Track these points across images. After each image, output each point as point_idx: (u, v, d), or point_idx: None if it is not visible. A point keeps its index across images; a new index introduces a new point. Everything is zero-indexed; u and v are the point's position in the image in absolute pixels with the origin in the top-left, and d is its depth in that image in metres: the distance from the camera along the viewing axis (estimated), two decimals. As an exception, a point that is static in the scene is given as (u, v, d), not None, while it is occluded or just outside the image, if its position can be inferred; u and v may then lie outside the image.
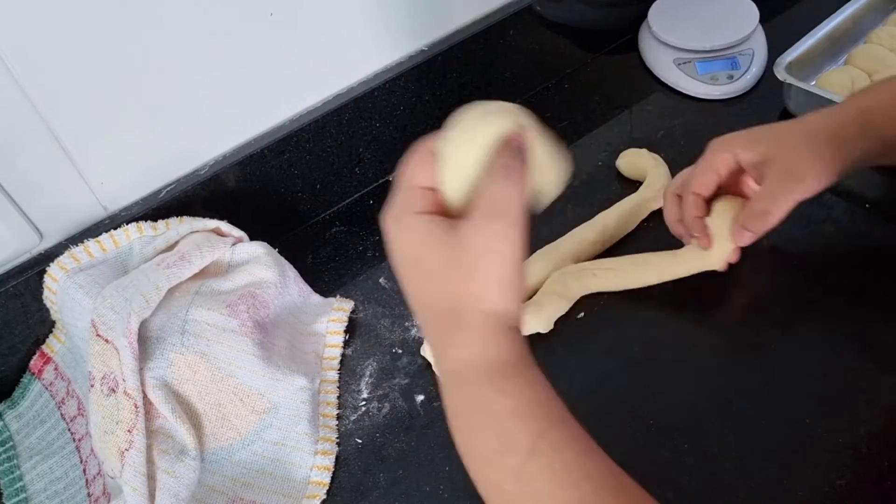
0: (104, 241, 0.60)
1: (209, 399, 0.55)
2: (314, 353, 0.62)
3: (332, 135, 0.71)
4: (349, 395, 0.60)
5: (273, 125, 0.69)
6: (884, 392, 0.54)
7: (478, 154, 0.39)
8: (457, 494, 0.53)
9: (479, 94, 0.79)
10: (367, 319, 0.66)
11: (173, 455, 0.52)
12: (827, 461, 0.51)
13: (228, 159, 0.67)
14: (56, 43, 0.53)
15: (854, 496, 0.49)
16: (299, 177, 0.72)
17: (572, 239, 0.66)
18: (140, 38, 0.57)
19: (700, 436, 0.53)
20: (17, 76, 0.53)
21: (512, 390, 0.37)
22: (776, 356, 0.57)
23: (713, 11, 0.83)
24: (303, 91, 0.70)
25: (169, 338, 0.54)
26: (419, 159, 0.41)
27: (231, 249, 0.62)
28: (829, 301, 0.61)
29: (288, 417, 0.57)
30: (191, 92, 0.62)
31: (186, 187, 0.65)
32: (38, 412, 0.61)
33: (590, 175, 0.74)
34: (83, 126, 0.58)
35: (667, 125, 0.78)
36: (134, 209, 0.64)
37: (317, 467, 0.56)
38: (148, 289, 0.54)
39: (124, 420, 0.51)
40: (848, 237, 0.65)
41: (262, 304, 0.59)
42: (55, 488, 0.56)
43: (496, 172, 0.38)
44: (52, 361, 0.62)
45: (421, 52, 0.75)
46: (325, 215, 0.76)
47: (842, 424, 0.53)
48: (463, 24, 0.77)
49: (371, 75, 0.73)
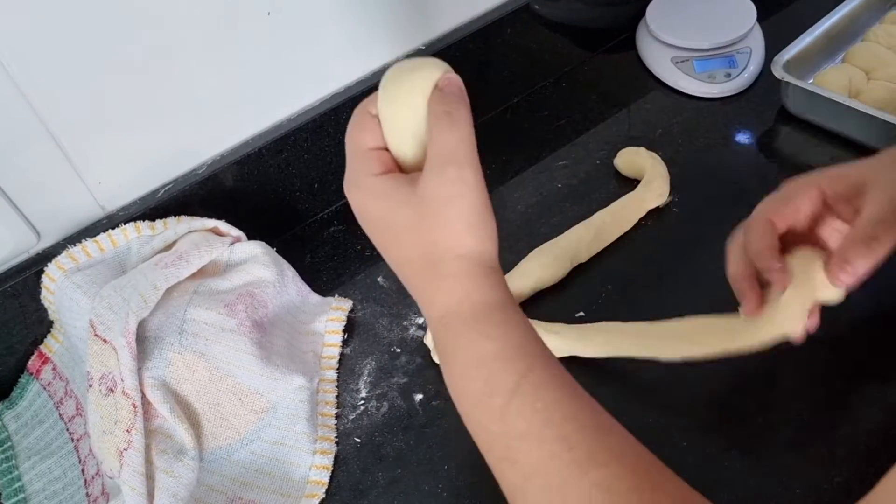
0: (102, 241, 0.60)
1: (208, 398, 0.55)
2: (313, 352, 0.62)
3: (330, 134, 0.71)
4: (348, 395, 0.61)
5: (271, 124, 0.69)
6: (882, 390, 0.54)
7: (416, 107, 0.40)
8: (456, 493, 0.53)
9: (476, 92, 0.79)
10: (365, 318, 0.66)
11: (172, 455, 0.52)
12: (825, 458, 0.51)
13: (226, 159, 0.67)
14: (53, 42, 0.53)
15: (852, 493, 0.49)
16: (297, 176, 0.72)
17: (570, 237, 0.66)
18: (138, 38, 0.57)
19: (699, 433, 0.53)
20: (14, 75, 0.53)
21: (495, 332, 0.38)
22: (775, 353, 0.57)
23: (711, 10, 0.83)
24: (301, 90, 0.70)
25: (167, 337, 0.54)
26: (361, 122, 0.41)
27: (229, 249, 0.62)
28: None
29: (286, 417, 0.57)
30: (189, 91, 0.62)
31: (184, 187, 0.65)
32: (36, 412, 0.61)
33: (588, 173, 0.74)
34: (80, 125, 0.58)
35: (665, 123, 0.78)
36: (132, 209, 0.64)
37: (315, 466, 0.56)
38: (146, 288, 0.54)
39: (123, 420, 0.51)
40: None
41: (260, 303, 0.59)
42: (53, 488, 0.56)
43: (438, 120, 0.39)
44: (50, 361, 0.62)
45: (418, 51, 0.75)
46: (323, 214, 0.76)
47: (840, 421, 0.53)
48: (460, 23, 0.77)
49: (369, 74, 0.73)
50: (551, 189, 0.74)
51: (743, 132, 0.77)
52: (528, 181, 0.74)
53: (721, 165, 0.73)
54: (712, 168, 0.73)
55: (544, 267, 0.63)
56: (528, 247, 0.65)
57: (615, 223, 0.67)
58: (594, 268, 0.66)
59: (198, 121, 0.64)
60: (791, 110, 0.76)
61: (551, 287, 0.64)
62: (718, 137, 0.76)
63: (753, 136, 0.76)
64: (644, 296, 0.63)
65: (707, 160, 0.74)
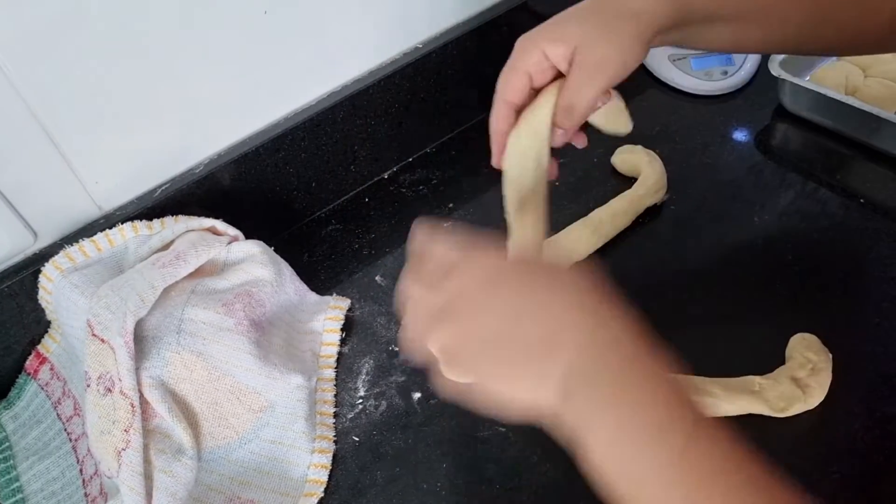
0: (99, 241, 0.60)
1: (206, 398, 0.55)
2: (311, 351, 0.62)
3: (328, 133, 0.71)
4: (346, 393, 0.61)
5: (268, 123, 0.69)
6: (879, 387, 0.54)
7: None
8: (454, 491, 0.53)
9: (474, 91, 0.79)
10: (363, 317, 0.66)
11: (170, 454, 0.52)
12: (822, 454, 0.51)
13: (223, 158, 0.67)
14: (50, 42, 0.53)
15: (849, 488, 0.50)
16: (294, 175, 0.72)
17: (568, 236, 0.66)
18: (135, 37, 0.57)
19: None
20: (10, 75, 0.53)
21: (664, 373, 0.37)
22: (772, 348, 0.57)
23: (707, 7, 0.83)
24: (298, 89, 0.70)
25: (165, 337, 0.54)
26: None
27: (227, 248, 0.62)
28: (823, 295, 0.61)
29: (285, 416, 0.57)
30: (185, 90, 0.62)
31: (181, 186, 0.65)
32: (34, 412, 0.61)
33: (585, 171, 0.74)
34: (77, 125, 0.58)
35: (662, 121, 0.78)
36: (129, 208, 0.64)
37: (314, 465, 0.56)
38: (144, 288, 0.54)
39: (121, 420, 0.51)
40: (843, 231, 0.65)
41: (258, 302, 0.59)
42: (52, 488, 0.56)
43: None
44: (47, 362, 0.62)
45: (415, 50, 0.74)
46: (320, 213, 0.76)
47: (837, 417, 0.53)
48: (457, 22, 0.77)
49: (366, 73, 0.73)
50: (549, 187, 0.73)
51: (740, 130, 0.77)
52: (526, 179, 0.74)
53: (718, 163, 0.74)
54: (709, 166, 0.73)
55: (542, 265, 0.63)
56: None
57: (613, 221, 0.67)
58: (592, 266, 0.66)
59: (195, 120, 0.64)
60: (788, 108, 0.76)
61: (549, 285, 0.64)
62: (715, 135, 0.76)
63: (750, 134, 0.76)
64: (642, 293, 0.63)
65: (704, 158, 0.74)
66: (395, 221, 0.74)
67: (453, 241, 0.42)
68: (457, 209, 0.69)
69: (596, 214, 0.67)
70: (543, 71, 0.51)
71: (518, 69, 0.51)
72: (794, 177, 0.71)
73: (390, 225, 0.73)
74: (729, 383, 0.54)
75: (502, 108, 0.52)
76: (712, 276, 0.64)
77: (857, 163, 0.71)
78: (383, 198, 0.76)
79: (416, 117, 0.77)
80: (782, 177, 0.71)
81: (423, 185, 0.77)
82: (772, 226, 0.66)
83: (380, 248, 0.71)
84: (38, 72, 0.54)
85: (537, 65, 0.51)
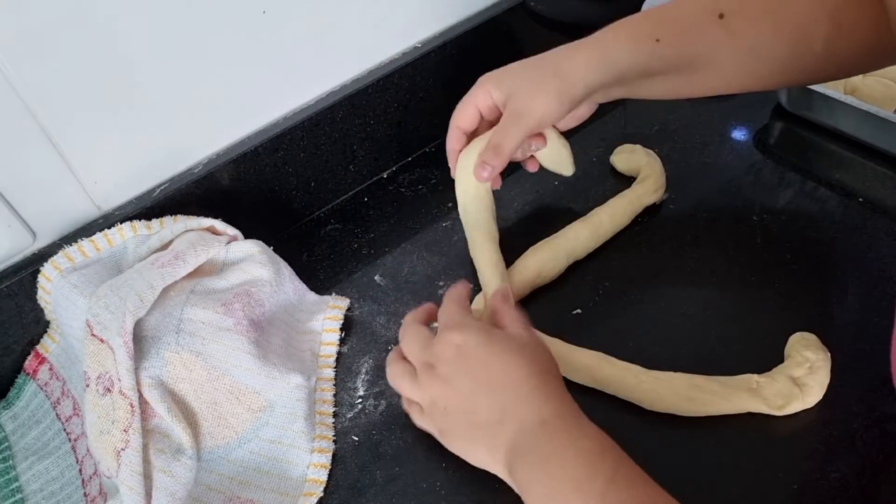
0: (98, 241, 0.60)
1: (205, 398, 0.55)
2: (310, 350, 0.62)
3: (327, 132, 0.71)
4: (345, 393, 0.61)
5: (267, 123, 0.69)
6: (878, 386, 0.54)
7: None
8: (454, 491, 0.53)
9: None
10: (362, 317, 0.66)
11: (170, 454, 0.52)
12: (820, 453, 0.51)
13: (222, 157, 0.67)
14: (48, 41, 0.53)
15: (847, 487, 0.50)
16: (293, 175, 0.72)
17: (566, 235, 0.66)
18: (134, 37, 0.57)
19: (694, 426, 0.54)
20: (9, 75, 0.53)
21: (590, 431, 0.46)
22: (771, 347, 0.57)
23: (706, 7, 0.83)
24: (296, 88, 0.70)
25: (164, 337, 0.54)
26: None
27: (226, 248, 0.62)
28: (822, 294, 0.61)
29: (284, 415, 0.57)
30: (184, 90, 0.62)
31: (180, 186, 0.65)
32: (33, 413, 0.61)
33: (584, 171, 0.74)
34: (76, 124, 0.58)
35: (661, 121, 0.78)
36: (128, 208, 0.64)
37: (314, 465, 0.56)
38: (143, 288, 0.54)
39: (120, 420, 0.51)
40: (842, 230, 0.65)
41: (257, 302, 0.59)
42: (51, 489, 0.56)
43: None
44: (46, 361, 0.62)
45: (414, 49, 0.75)
46: (319, 213, 0.76)
47: (835, 416, 0.53)
48: (456, 21, 0.77)
49: (364, 72, 0.73)
50: (548, 187, 0.74)
51: (739, 129, 0.77)
52: (525, 179, 0.74)
53: (717, 162, 0.74)
54: (708, 165, 0.74)
55: (541, 264, 0.63)
56: (525, 244, 0.65)
57: (612, 220, 0.67)
58: (591, 265, 0.66)
59: (194, 120, 0.64)
60: (787, 107, 0.76)
61: (548, 284, 0.64)
62: (714, 134, 0.76)
63: (749, 133, 0.76)
64: (641, 293, 0.63)
65: (703, 157, 0.74)
66: (394, 221, 0.74)
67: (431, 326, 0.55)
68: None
69: (595, 214, 0.67)
70: (490, 108, 0.61)
71: (469, 103, 0.61)
72: (793, 176, 0.71)
73: (389, 224, 0.73)
74: (727, 381, 0.54)
75: (455, 132, 0.63)
76: (711, 274, 0.64)
77: (856, 162, 0.72)
78: (382, 197, 0.76)
79: (415, 117, 0.77)
80: (781, 176, 0.72)
81: (422, 185, 0.77)
82: (771, 225, 0.66)
83: (379, 247, 0.71)
84: (37, 72, 0.54)
85: (484, 102, 0.60)
